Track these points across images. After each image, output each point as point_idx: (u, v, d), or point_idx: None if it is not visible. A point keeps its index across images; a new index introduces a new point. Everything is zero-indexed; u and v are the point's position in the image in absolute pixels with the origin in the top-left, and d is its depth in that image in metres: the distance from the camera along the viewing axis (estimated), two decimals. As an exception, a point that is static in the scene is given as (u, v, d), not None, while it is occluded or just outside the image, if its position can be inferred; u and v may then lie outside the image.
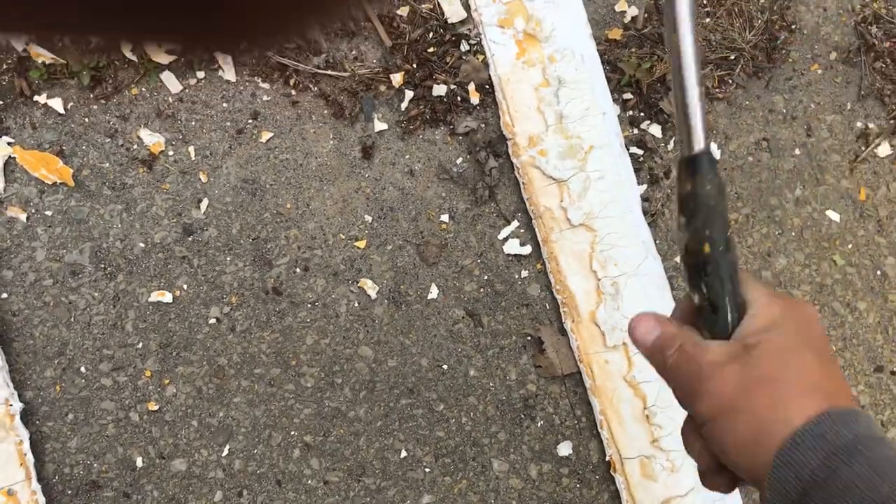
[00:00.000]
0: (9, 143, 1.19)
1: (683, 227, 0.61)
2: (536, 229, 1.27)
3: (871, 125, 1.40)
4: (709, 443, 0.57)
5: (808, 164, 1.37)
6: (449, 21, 1.29)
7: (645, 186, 1.31)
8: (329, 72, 1.26)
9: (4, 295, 1.17)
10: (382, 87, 1.27)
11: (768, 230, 1.35)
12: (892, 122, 1.40)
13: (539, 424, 1.26)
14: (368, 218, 1.25)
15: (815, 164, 1.37)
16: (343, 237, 1.25)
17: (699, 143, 0.60)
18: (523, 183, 1.27)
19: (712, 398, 0.55)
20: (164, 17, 0.24)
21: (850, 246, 1.36)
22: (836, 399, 0.54)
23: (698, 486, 1.22)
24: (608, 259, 1.25)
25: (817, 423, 0.52)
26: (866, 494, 0.48)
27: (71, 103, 1.21)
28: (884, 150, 1.39)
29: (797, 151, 1.37)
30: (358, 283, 1.24)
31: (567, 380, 1.26)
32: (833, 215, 1.36)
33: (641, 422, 1.23)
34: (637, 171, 1.30)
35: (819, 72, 1.40)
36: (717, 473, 0.60)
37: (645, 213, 1.28)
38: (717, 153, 1.35)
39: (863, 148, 1.39)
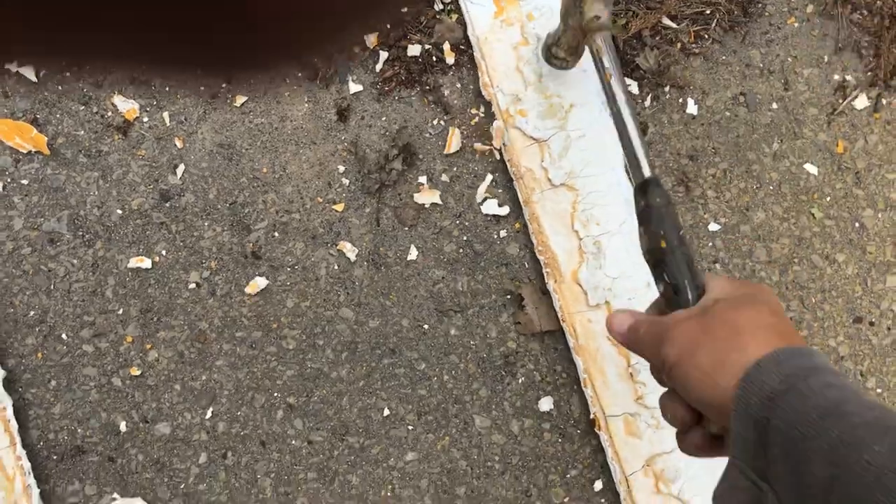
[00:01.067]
0: (-18, 112, 1.18)
1: (643, 234, 0.74)
2: (518, 190, 1.27)
3: (848, 77, 1.40)
4: (676, 388, 0.63)
5: (786, 118, 1.37)
6: (422, -20, 1.28)
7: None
8: (303, 34, 1.26)
9: (-17, 264, 1.17)
10: (356, 49, 1.26)
11: (746, 185, 1.35)
12: (869, 74, 1.40)
13: (520, 381, 1.27)
14: (346, 181, 1.25)
15: (792, 117, 1.38)
16: (321, 200, 1.25)
17: (646, 171, 0.81)
18: (504, 144, 1.27)
19: (675, 343, 0.61)
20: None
21: (828, 199, 1.36)
22: (790, 340, 0.60)
23: (679, 439, 1.24)
24: (590, 218, 1.25)
25: (774, 354, 0.57)
26: (821, 402, 0.51)
27: (43, 71, 1.20)
28: (861, 102, 1.39)
29: (774, 105, 1.37)
30: (337, 245, 1.25)
31: (547, 336, 1.27)
32: (811, 168, 1.36)
33: (625, 380, 1.24)
34: (614, 127, 1.30)
35: (796, 25, 1.40)
36: (691, 430, 0.65)
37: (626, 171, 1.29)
38: (694, 109, 1.35)
39: (840, 101, 1.39)
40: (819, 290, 1.35)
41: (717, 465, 1.17)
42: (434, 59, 1.28)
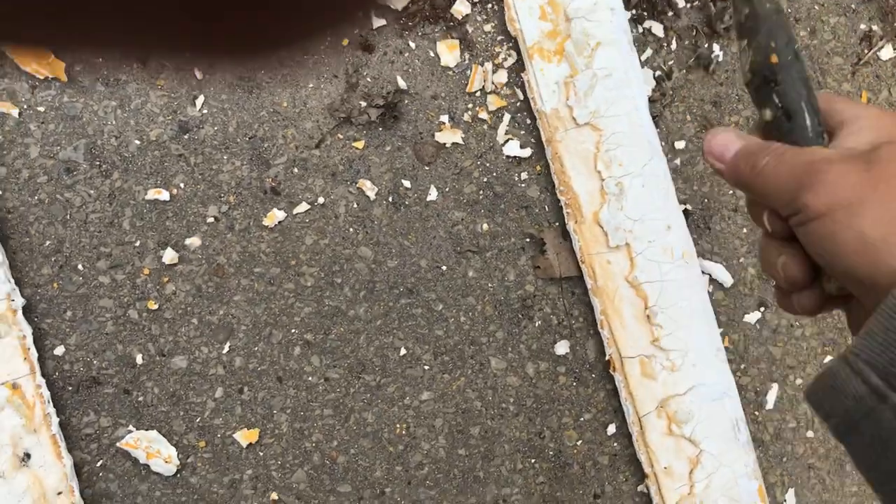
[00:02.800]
0: (-3, 37, 1.15)
1: (746, 48, 0.59)
2: (541, 130, 1.26)
3: (874, 27, 1.38)
4: (811, 244, 0.50)
5: (811, 67, 1.36)
6: (449, -86, 1.25)
7: (648, 87, 1.29)
8: (326, -35, 1.23)
9: (-2, 192, 1.15)
10: (381, -18, 1.24)
11: (769, 133, 1.34)
12: (895, 24, 1.38)
13: (537, 324, 1.27)
14: (366, 117, 1.23)
15: (817, 66, 1.36)
16: (341, 137, 1.23)
17: None
18: (527, 81, 1.25)
19: (827, 191, 0.47)
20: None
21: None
22: None
23: (697, 385, 1.24)
24: (613, 159, 1.24)
25: None
26: None
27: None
28: (887, 53, 1.37)
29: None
30: (357, 183, 1.23)
31: (565, 281, 1.27)
32: (834, 119, 1.35)
33: (642, 322, 1.24)
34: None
35: (825, -28, 1.38)
36: (804, 289, 0.54)
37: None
38: (720, 55, 1.33)
39: (866, 51, 1.37)
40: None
41: (728, 410, 1.16)
42: (459, -5, 1.26)
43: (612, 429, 1.27)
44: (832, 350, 1.34)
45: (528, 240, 1.27)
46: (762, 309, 1.32)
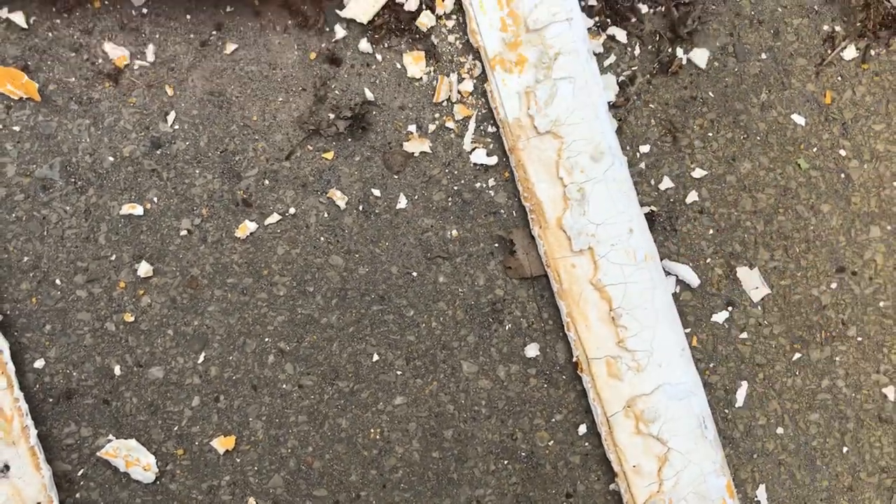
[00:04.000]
0: (-28, 59, 1.19)
1: None
2: (504, 138, 1.28)
3: (837, 28, 1.40)
4: None
5: (774, 69, 1.38)
6: (411, -72, 1.28)
7: (611, 92, 1.31)
8: (292, -19, 1.26)
9: (-23, 210, 1.19)
10: (346, -3, 1.27)
11: (733, 135, 1.36)
12: (858, 25, 1.40)
13: (507, 328, 1.29)
14: (335, 129, 1.26)
15: (781, 67, 1.38)
16: (311, 148, 1.26)
17: None
18: (490, 91, 1.28)
19: None
20: None
21: (814, 149, 1.38)
22: None
23: (663, 385, 1.26)
24: (575, 165, 1.26)
25: None
26: None
27: (34, 17, 1.21)
28: (850, 53, 1.39)
29: (763, 56, 1.38)
30: (327, 193, 1.26)
31: (535, 283, 1.29)
32: (798, 119, 1.37)
33: (607, 323, 1.27)
34: (603, 76, 1.31)
35: (786, -25, 1.40)
36: None
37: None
38: (683, 59, 1.35)
39: (829, 51, 1.39)
40: (803, 239, 1.36)
41: (694, 409, 1.20)
42: (424, 6, 1.28)
43: (582, 429, 1.30)
44: (801, 347, 1.36)
45: (496, 245, 1.29)
46: (730, 308, 1.34)
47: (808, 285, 1.36)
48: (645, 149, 1.33)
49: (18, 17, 1.20)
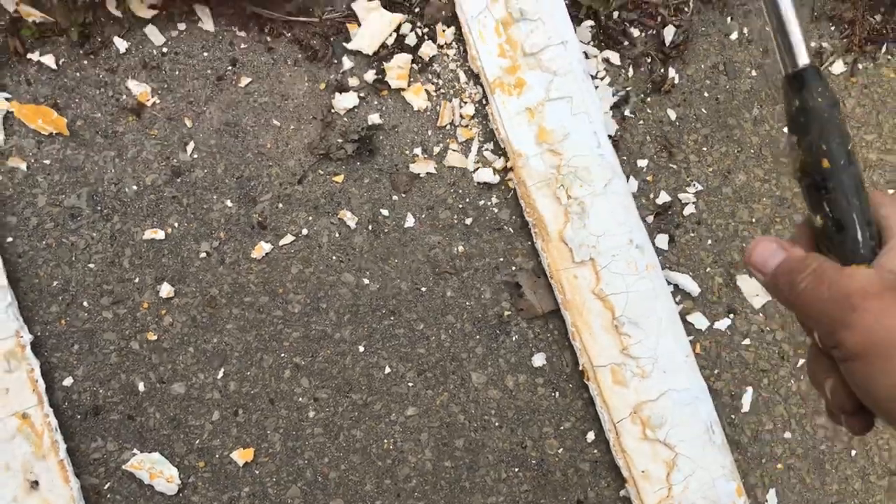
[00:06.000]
0: (7, 99, 1.28)
1: (795, 146, 0.56)
2: (508, 155, 1.34)
3: (825, 44, 1.45)
4: (851, 381, 0.48)
5: (765, 85, 1.44)
6: (412, -36, 1.36)
7: (607, 105, 1.38)
8: (300, 18, 1.34)
9: (10, 239, 1.26)
10: (353, 29, 1.35)
11: (727, 149, 1.41)
12: (844, 40, 1.46)
13: (514, 339, 1.34)
14: (344, 152, 1.33)
15: (771, 83, 1.44)
16: (321, 172, 1.33)
17: (803, 58, 0.58)
18: (491, 114, 1.34)
19: (863, 332, 0.46)
20: None
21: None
22: None
23: (668, 391, 1.30)
24: (574, 181, 1.32)
25: None
26: None
27: (62, 59, 1.30)
28: (838, 67, 1.45)
29: (753, 73, 1.43)
30: (338, 214, 1.33)
31: (549, 318, 1.34)
32: (790, 132, 1.42)
33: (611, 332, 1.31)
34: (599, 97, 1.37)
35: (772, -4, 1.46)
36: (852, 415, 0.51)
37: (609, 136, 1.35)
38: (675, 78, 1.41)
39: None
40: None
41: (701, 414, 1.22)
42: (425, 37, 1.36)
43: (591, 436, 1.33)
44: (804, 353, 1.39)
45: (501, 259, 1.35)
46: (731, 315, 1.38)
47: (808, 291, 1.39)
48: (643, 163, 1.39)
49: (49, 60, 1.29)
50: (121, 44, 1.30)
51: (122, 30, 1.31)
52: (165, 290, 1.28)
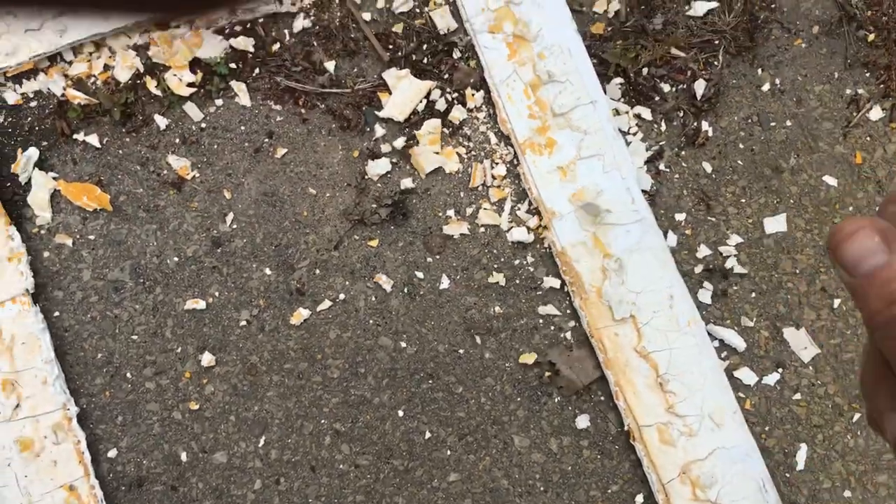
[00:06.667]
0: (54, 178, 1.32)
1: None
2: (541, 214, 1.35)
3: (860, 91, 1.44)
4: None
5: (801, 134, 1.42)
6: (441, 32, 1.39)
7: (641, 160, 1.37)
8: (333, 90, 1.38)
9: (56, 313, 1.29)
10: (385, 97, 1.37)
11: (766, 200, 1.39)
12: (881, 86, 1.44)
13: (556, 400, 1.31)
14: (378, 217, 1.35)
15: (807, 132, 1.42)
16: (357, 238, 1.34)
17: None
18: (522, 174, 1.35)
19: None
20: None
21: (850, 208, 1.39)
22: None
23: (717, 449, 1.26)
24: (610, 236, 1.31)
25: None
26: None
27: (106, 138, 1.35)
28: (875, 113, 1.43)
29: (788, 123, 1.42)
30: (374, 278, 1.33)
31: (590, 388, 1.32)
32: (830, 180, 1.40)
33: (655, 390, 1.28)
34: (633, 147, 1.37)
35: (803, 46, 1.45)
36: None
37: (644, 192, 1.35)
38: (709, 131, 1.41)
39: (854, 114, 1.43)
40: (849, 297, 1.36)
41: (752, 472, 1.19)
42: (455, 101, 1.38)
43: (640, 499, 1.29)
44: (859, 407, 1.34)
45: (540, 320, 1.33)
46: (780, 370, 1.34)
47: (859, 342, 1.35)
48: (680, 217, 1.37)
49: (93, 139, 1.34)
50: (161, 121, 1.35)
51: (163, 108, 1.36)
52: (207, 359, 1.29)
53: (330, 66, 1.38)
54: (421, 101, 1.37)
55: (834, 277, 1.37)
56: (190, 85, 1.36)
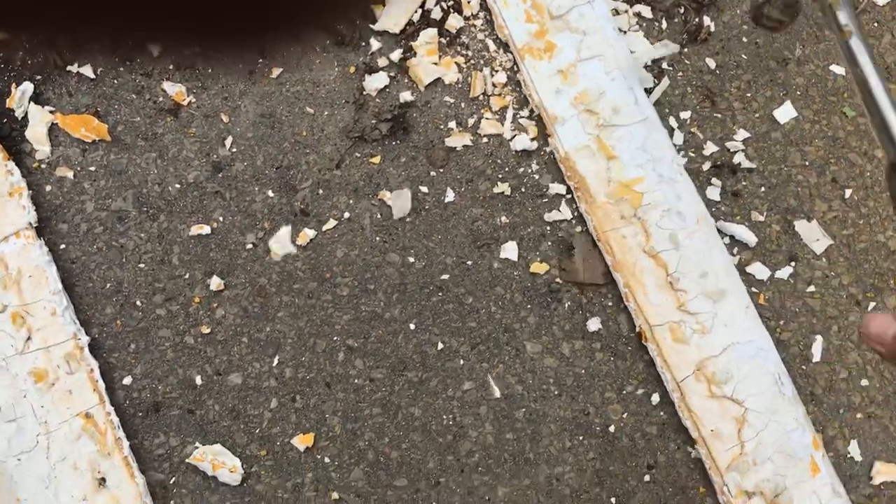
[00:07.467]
0: (50, 111, 1.31)
1: None
2: (543, 120, 1.32)
3: (866, -22, 1.40)
4: None
5: (805, 23, 1.38)
6: (431, -60, 1.36)
7: (647, 58, 1.34)
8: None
9: (63, 246, 1.29)
10: (378, 10, 1.35)
11: (772, 92, 1.36)
12: (887, -31, 1.40)
13: (566, 305, 1.31)
14: (378, 132, 1.33)
15: (811, 21, 1.38)
16: (358, 155, 1.33)
17: None
18: (522, 80, 1.32)
19: None
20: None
21: (858, 97, 1.36)
22: None
23: (731, 344, 1.25)
24: (612, 135, 1.29)
25: None
26: None
27: (100, 68, 1.33)
28: (882, -2, 1.39)
29: (793, 13, 1.38)
30: (378, 195, 1.32)
31: (585, 289, 1.31)
32: (837, 69, 1.37)
33: (666, 289, 1.27)
34: (635, 40, 1.34)
35: (805, -67, 1.41)
36: None
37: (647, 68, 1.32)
38: (711, 26, 1.37)
39: (860, 0, 1.39)
40: (861, 186, 1.34)
41: (768, 366, 1.18)
42: (451, 9, 1.35)
43: (655, 398, 1.29)
44: (874, 296, 1.32)
45: (547, 227, 1.32)
46: (793, 263, 1.33)
47: (872, 232, 1.33)
48: (685, 115, 1.35)
49: (87, 70, 1.32)
50: (154, 48, 1.33)
51: (154, 34, 1.34)
52: (215, 283, 1.29)
53: (320, -19, 1.35)
54: (416, 11, 1.34)
55: (844, 167, 1.34)
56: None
